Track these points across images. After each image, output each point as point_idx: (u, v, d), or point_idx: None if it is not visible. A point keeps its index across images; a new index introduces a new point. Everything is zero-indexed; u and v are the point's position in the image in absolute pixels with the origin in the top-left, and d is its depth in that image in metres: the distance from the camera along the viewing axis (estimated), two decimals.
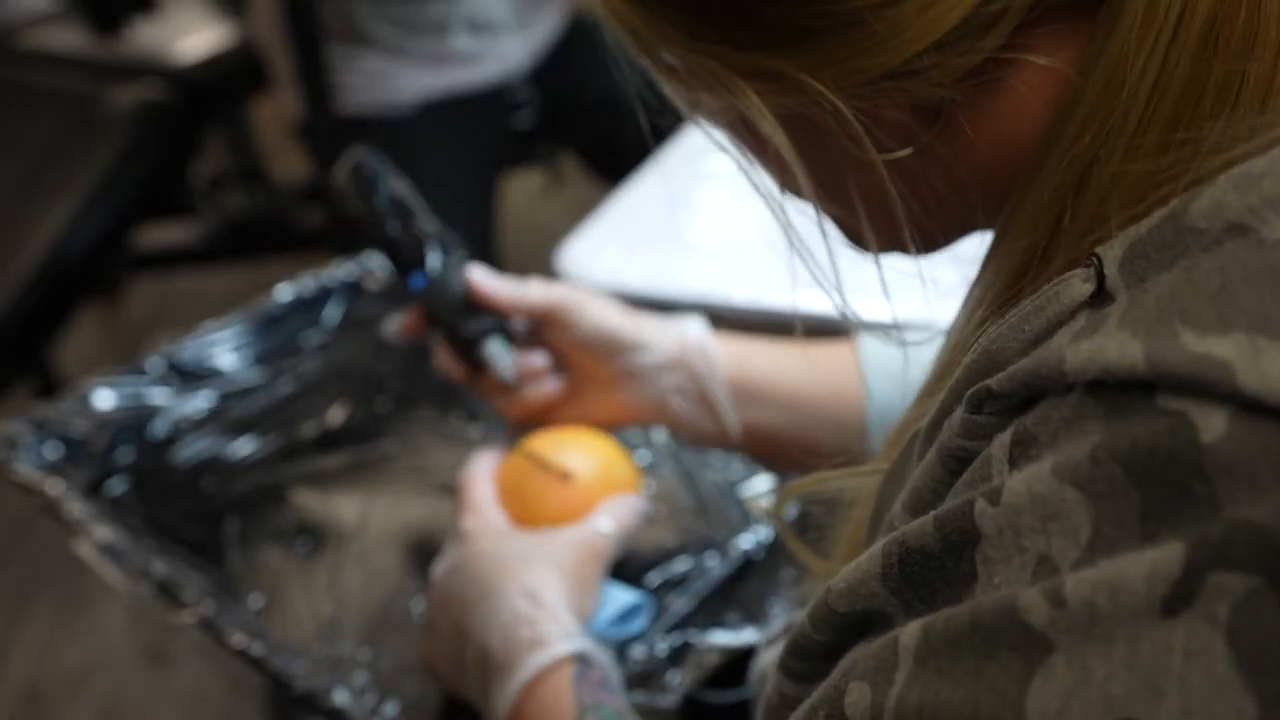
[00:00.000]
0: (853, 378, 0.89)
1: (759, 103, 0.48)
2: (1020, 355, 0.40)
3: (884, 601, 0.42)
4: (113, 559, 0.92)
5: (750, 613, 0.90)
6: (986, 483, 0.39)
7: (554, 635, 0.74)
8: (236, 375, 1.21)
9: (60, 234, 1.94)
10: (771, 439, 0.91)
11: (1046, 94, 0.46)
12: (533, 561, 0.79)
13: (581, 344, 0.91)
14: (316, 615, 0.93)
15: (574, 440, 0.91)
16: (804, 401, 0.90)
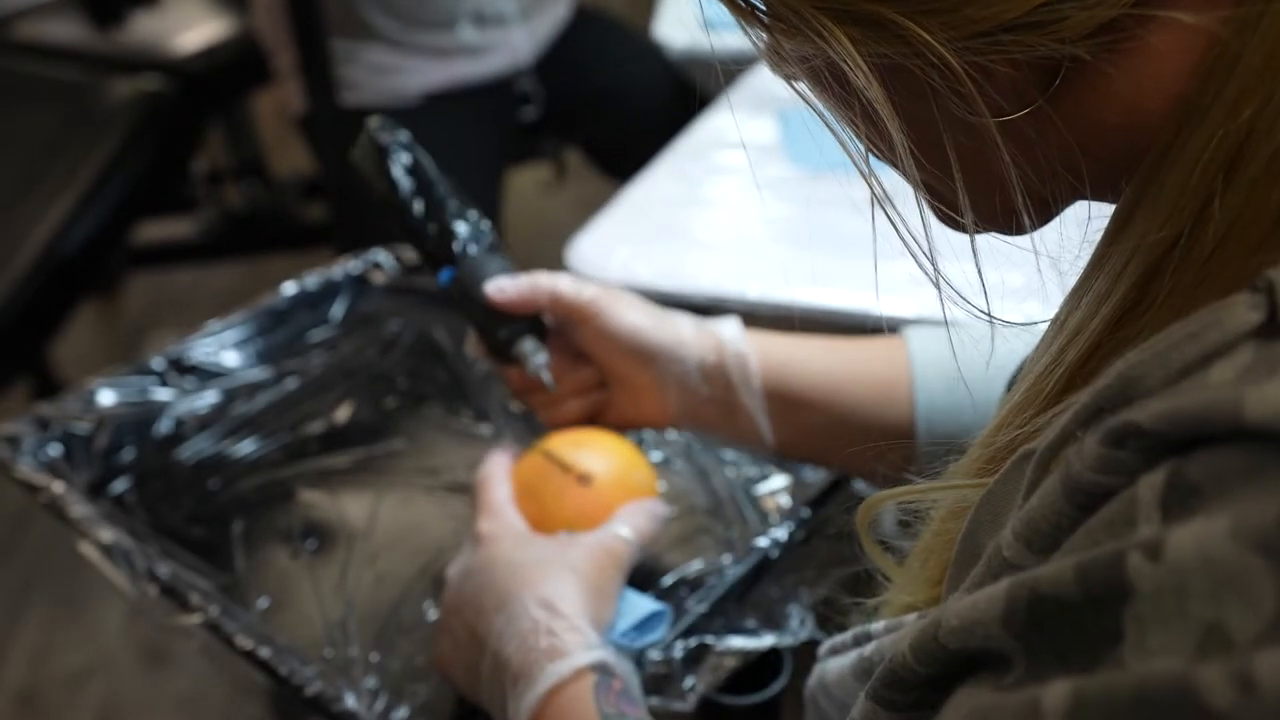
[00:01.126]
0: (898, 375, 0.85)
1: (854, 51, 0.44)
2: (1166, 385, 0.36)
3: (1003, 644, 0.38)
4: (116, 560, 0.90)
5: (768, 615, 0.88)
6: (1132, 528, 0.35)
7: (573, 645, 0.72)
8: (241, 373, 1.19)
9: (58, 229, 1.92)
10: (812, 442, 0.89)
11: (1190, 57, 0.40)
12: (551, 568, 0.77)
13: (614, 347, 0.88)
14: (324, 617, 0.91)
15: (592, 441, 0.89)
16: (846, 403, 0.86)
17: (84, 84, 2.19)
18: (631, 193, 1.53)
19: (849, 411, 0.86)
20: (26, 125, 2.11)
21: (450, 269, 0.90)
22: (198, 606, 0.86)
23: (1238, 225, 0.39)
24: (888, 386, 0.85)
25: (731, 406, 0.87)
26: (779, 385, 0.87)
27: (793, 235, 1.41)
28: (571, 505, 0.85)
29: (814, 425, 0.87)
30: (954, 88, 0.43)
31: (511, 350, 0.89)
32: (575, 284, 0.88)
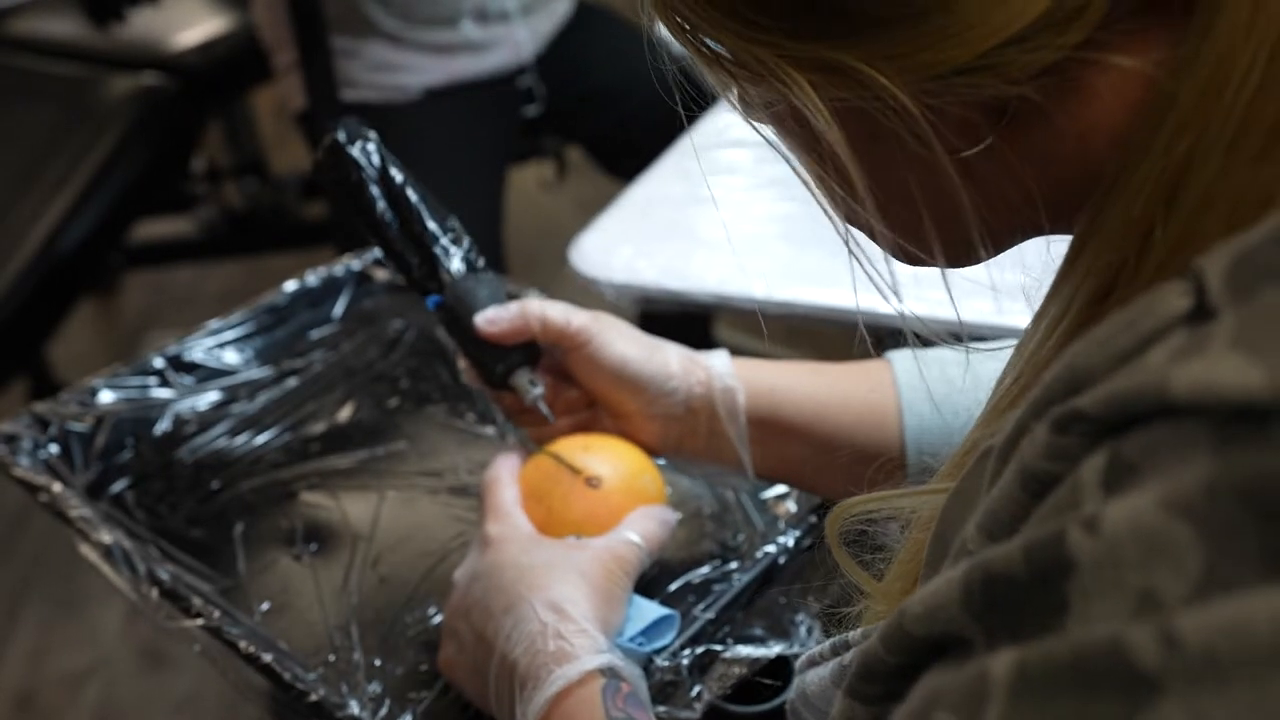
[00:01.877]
0: (884, 398, 0.85)
1: (814, 96, 0.46)
2: (1108, 373, 0.38)
3: (963, 627, 0.39)
4: (116, 562, 0.89)
5: (776, 622, 0.87)
6: (1076, 509, 0.37)
7: (582, 648, 0.71)
8: (242, 372, 1.18)
9: (56, 227, 1.91)
10: (798, 469, 0.88)
11: (1129, 96, 0.43)
12: (559, 572, 0.76)
13: (601, 376, 0.87)
14: (326, 621, 0.90)
15: (600, 445, 0.88)
16: (832, 429, 0.85)
17: (82, 80, 2.18)
18: (635, 192, 1.51)
19: (835, 437, 0.85)
20: (23, 122, 2.10)
21: (436, 296, 0.89)
22: (199, 610, 0.84)
23: (1177, 250, 0.41)
24: (875, 410, 0.85)
25: (716, 437, 0.87)
26: (765, 413, 0.86)
27: (798, 234, 1.40)
28: (579, 509, 0.84)
29: (800, 453, 0.87)
30: (911, 129, 0.45)
31: (507, 382, 0.88)
32: (565, 311, 0.87)
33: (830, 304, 1.26)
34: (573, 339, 0.86)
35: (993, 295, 1.22)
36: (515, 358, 0.87)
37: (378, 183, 0.87)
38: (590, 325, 0.86)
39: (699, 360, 0.88)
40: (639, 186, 1.53)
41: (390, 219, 0.87)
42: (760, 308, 1.28)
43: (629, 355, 0.86)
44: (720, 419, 0.86)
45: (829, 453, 0.85)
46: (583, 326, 0.86)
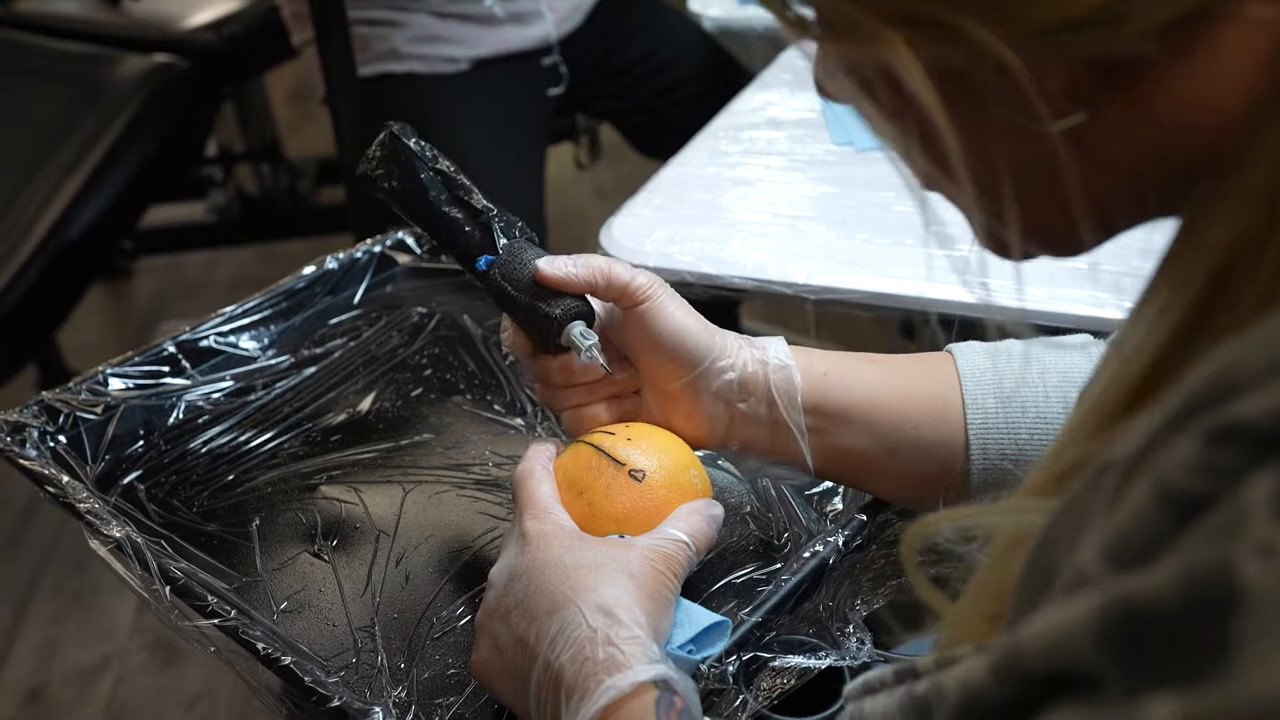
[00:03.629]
0: (948, 392, 0.81)
1: (909, 55, 0.42)
2: (1270, 378, 0.33)
3: (1094, 664, 0.34)
4: (127, 557, 0.84)
5: (824, 628, 0.81)
6: (1243, 534, 0.31)
7: (634, 656, 0.66)
8: (257, 360, 1.14)
9: (66, 211, 1.88)
10: (856, 462, 0.83)
11: (1259, 53, 0.39)
12: (607, 573, 0.71)
13: (657, 344, 0.82)
14: (348, 621, 0.85)
15: (642, 435, 0.83)
16: (892, 420, 0.81)
17: (92, 60, 2.14)
18: (666, 173, 1.47)
19: (896, 428, 0.81)
20: (33, 103, 2.06)
21: (488, 256, 0.84)
22: (214, 609, 0.79)
23: None
24: (938, 403, 0.81)
25: (771, 424, 0.83)
26: (824, 400, 0.82)
27: (836, 216, 1.35)
28: (623, 503, 0.79)
29: (859, 444, 0.82)
30: (1013, 92, 0.41)
31: (559, 336, 0.82)
32: (628, 267, 0.82)
33: (873, 289, 1.21)
34: (634, 296, 0.81)
35: (1048, 281, 1.18)
36: (570, 310, 0.82)
37: (430, 168, 0.86)
38: (654, 285, 0.82)
39: (754, 341, 0.84)
40: (671, 168, 1.48)
41: (445, 198, 0.86)
42: (800, 293, 1.23)
43: (687, 323, 0.82)
44: (776, 404, 0.82)
45: (889, 446, 0.81)
46: (646, 284, 0.82)
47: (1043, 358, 0.81)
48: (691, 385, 0.82)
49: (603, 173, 2.51)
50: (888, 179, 1.43)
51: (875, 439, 0.81)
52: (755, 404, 0.82)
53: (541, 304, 0.81)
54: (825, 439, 0.82)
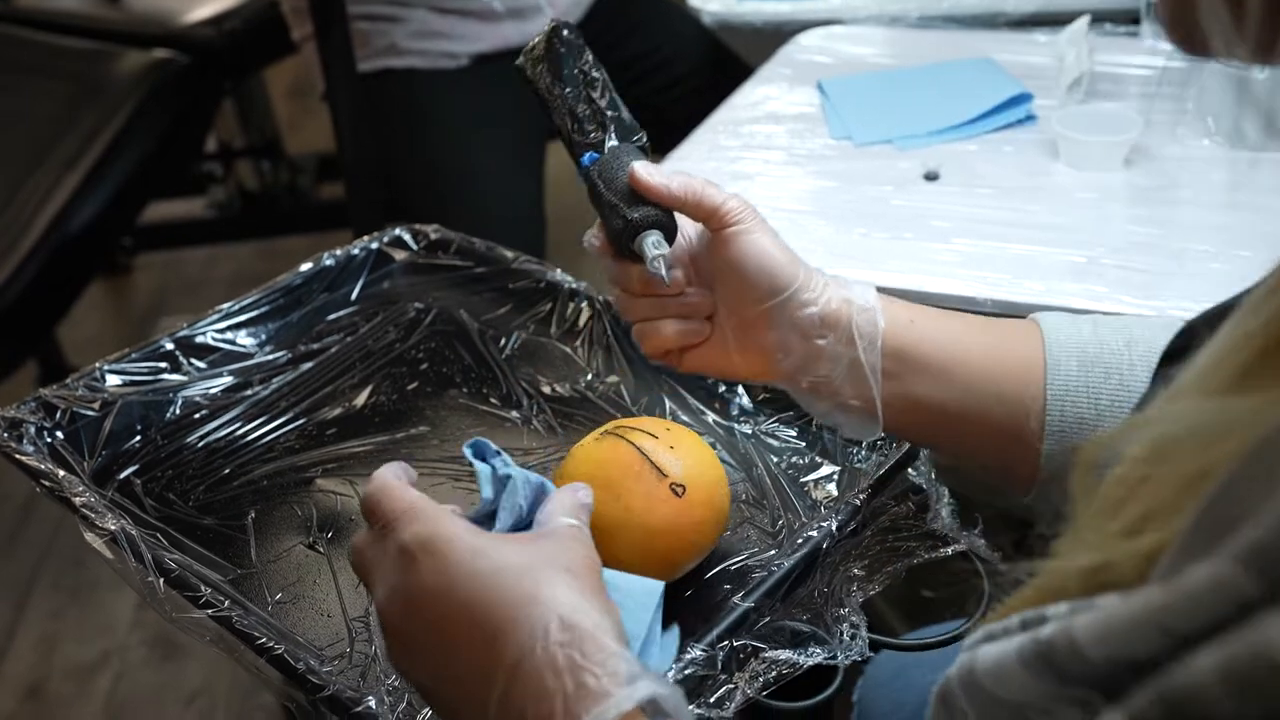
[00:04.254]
0: (1030, 351, 0.79)
1: None
2: None
3: None
4: (123, 550, 0.84)
5: (817, 614, 0.82)
6: None
7: (612, 678, 0.55)
8: (255, 356, 1.14)
9: (66, 207, 1.88)
10: (933, 413, 0.81)
11: None
12: (544, 573, 0.60)
13: (742, 268, 0.80)
14: (343, 612, 0.85)
15: (683, 443, 0.82)
16: (973, 374, 0.79)
17: (91, 56, 2.14)
18: (665, 167, 1.46)
19: (974, 384, 0.79)
20: (32, 99, 2.06)
21: (594, 154, 0.84)
22: (209, 600, 0.80)
23: None
24: (1019, 361, 0.79)
25: (848, 365, 0.80)
26: (905, 346, 0.80)
27: (835, 211, 1.36)
28: (661, 516, 0.78)
29: (935, 395, 0.80)
30: None
31: (632, 242, 0.81)
32: (722, 191, 0.81)
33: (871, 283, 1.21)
34: (723, 218, 0.80)
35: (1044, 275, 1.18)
36: (648, 218, 0.81)
37: (576, 67, 0.86)
38: (745, 210, 0.81)
39: (841, 280, 0.83)
40: (669, 162, 1.49)
41: (580, 95, 0.86)
42: None
43: (774, 250, 0.80)
44: (855, 344, 0.80)
45: (965, 400, 0.79)
46: (738, 208, 0.80)
47: (1130, 327, 0.79)
48: (770, 313, 0.81)
49: None
50: (886, 173, 1.44)
51: (953, 391, 0.80)
52: (834, 342, 0.80)
53: (625, 207, 0.81)
54: (901, 387, 0.81)
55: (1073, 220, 1.29)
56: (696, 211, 0.81)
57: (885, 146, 1.49)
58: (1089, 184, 1.36)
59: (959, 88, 1.58)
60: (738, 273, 0.81)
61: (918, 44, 1.77)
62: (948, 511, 0.88)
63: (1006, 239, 1.26)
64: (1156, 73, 1.60)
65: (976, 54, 1.69)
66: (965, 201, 1.35)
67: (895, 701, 1.07)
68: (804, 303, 0.80)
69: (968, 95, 1.54)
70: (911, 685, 1.06)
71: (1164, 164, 1.38)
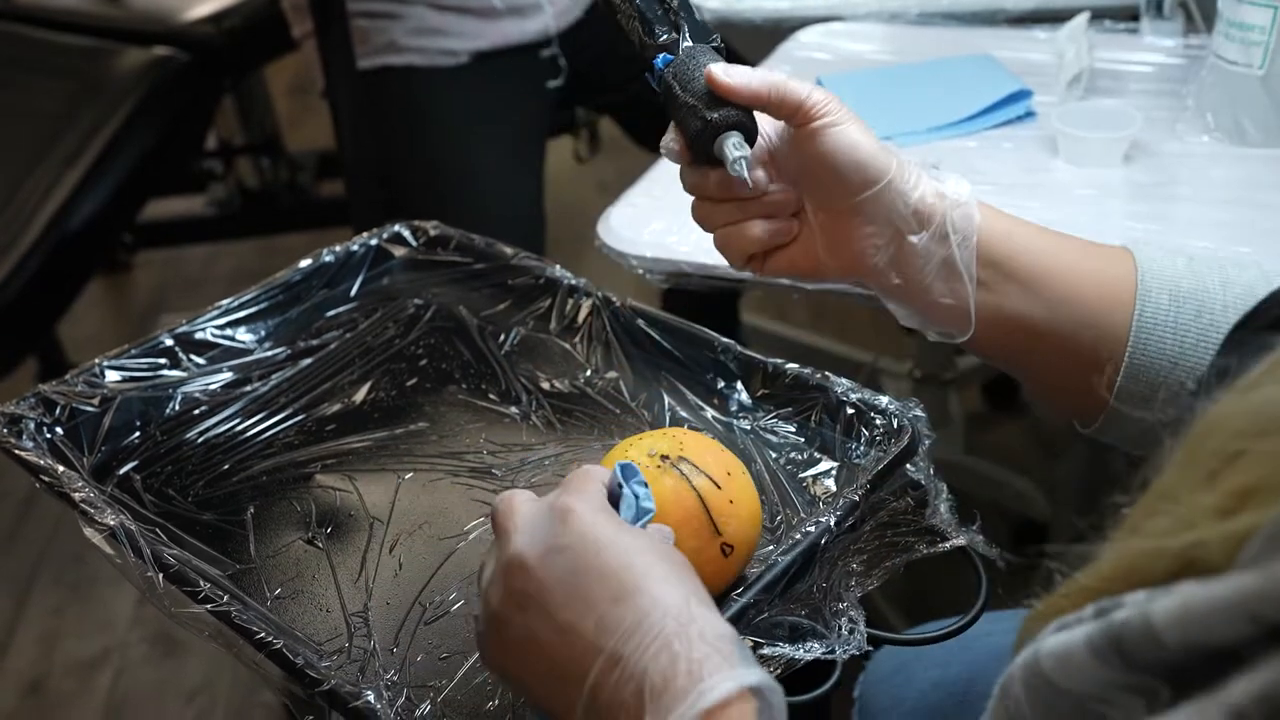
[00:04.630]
0: (1123, 276, 0.78)
1: None
2: None
3: None
4: (122, 546, 0.84)
5: (816, 610, 0.82)
6: None
7: (732, 657, 0.59)
8: (254, 353, 1.14)
9: (66, 204, 1.88)
10: (1018, 327, 0.80)
11: None
12: (673, 565, 0.64)
13: (828, 162, 0.78)
14: (341, 607, 0.86)
15: (737, 493, 0.79)
16: (1065, 292, 0.78)
17: (92, 53, 2.14)
18: (664, 164, 1.47)
19: (1062, 302, 0.78)
20: (33, 96, 2.06)
21: (668, 55, 0.82)
22: (208, 595, 0.80)
23: None
24: (1111, 285, 0.77)
25: (941, 264, 0.79)
26: (1001, 255, 0.79)
27: None
28: (709, 573, 0.75)
29: (1025, 309, 0.79)
30: None
31: (711, 143, 0.79)
32: (805, 85, 0.79)
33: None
34: (808, 113, 0.78)
35: None
36: (728, 118, 0.78)
37: None
38: (831, 102, 0.79)
39: (937, 174, 0.81)
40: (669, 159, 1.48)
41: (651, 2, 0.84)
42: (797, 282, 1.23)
43: (865, 141, 0.79)
44: (949, 241, 0.78)
45: (1055, 317, 0.78)
46: (823, 100, 0.78)
47: (1225, 267, 0.78)
48: (862, 206, 0.79)
49: (603, 166, 2.51)
50: None
51: (1043, 306, 0.78)
52: (928, 239, 0.79)
53: (703, 108, 0.79)
54: (992, 296, 0.79)
55: (1072, 216, 1.29)
56: (781, 108, 0.79)
57: (884, 143, 1.49)
58: (1088, 180, 1.36)
59: (958, 84, 1.58)
60: (828, 167, 0.78)
61: (917, 40, 1.77)
62: (946, 507, 0.88)
63: None
64: (1156, 69, 1.60)
65: (976, 51, 1.69)
66: None
67: (895, 697, 1.07)
68: (898, 194, 0.78)
69: (967, 92, 1.54)
70: (912, 681, 1.06)
71: (1163, 160, 1.38)
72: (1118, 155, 1.37)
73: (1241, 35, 1.34)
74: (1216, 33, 1.39)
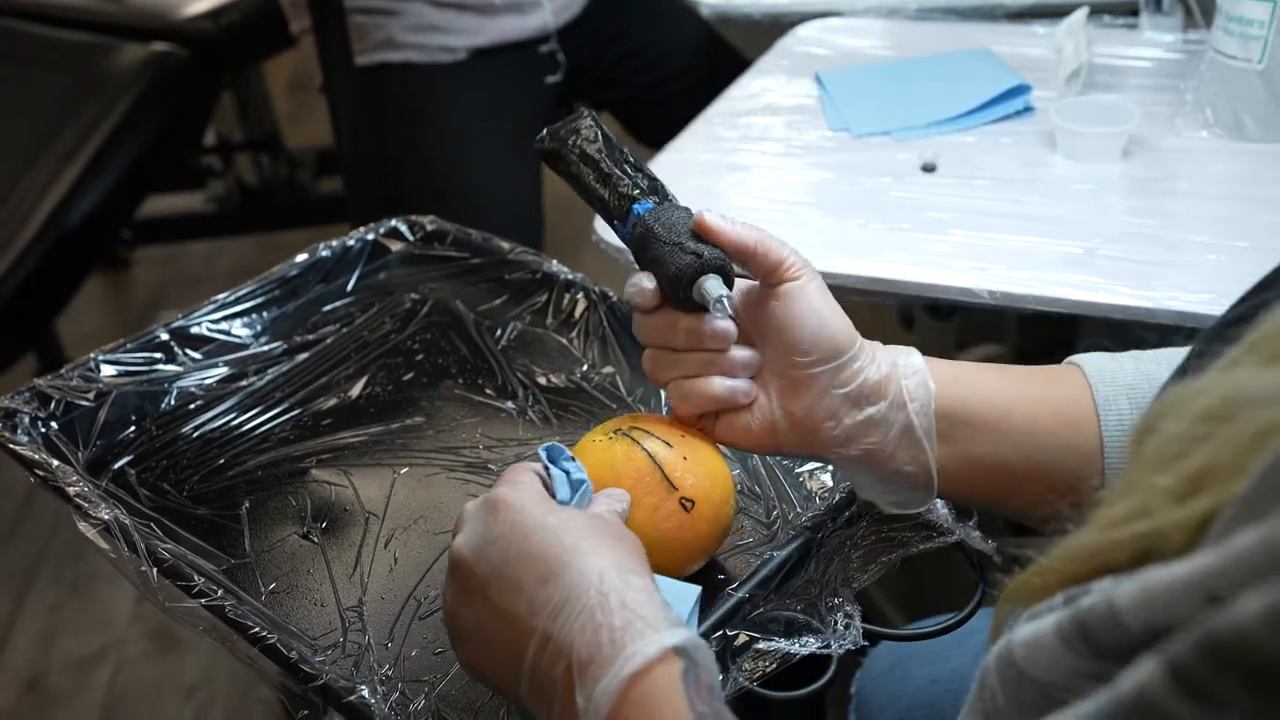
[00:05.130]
0: (1079, 395, 0.77)
1: None
2: None
3: None
4: (115, 539, 0.84)
5: (811, 605, 0.81)
6: None
7: (655, 620, 0.61)
8: (250, 346, 1.14)
9: (65, 200, 1.87)
10: (989, 471, 0.79)
11: None
12: (600, 538, 0.66)
13: (797, 329, 0.77)
14: (336, 602, 0.85)
15: (697, 454, 0.80)
16: (1025, 425, 0.77)
17: (90, 49, 2.13)
18: (663, 159, 1.47)
19: (1029, 434, 0.77)
20: (31, 92, 2.06)
21: (647, 204, 0.82)
22: (202, 590, 0.80)
23: None
24: (1070, 407, 0.77)
25: (901, 430, 0.78)
26: (957, 405, 0.78)
27: (831, 202, 1.35)
28: (671, 528, 0.77)
29: (992, 452, 0.78)
30: None
31: (696, 278, 0.77)
32: (785, 244, 0.79)
33: (868, 274, 1.21)
34: (784, 272, 0.77)
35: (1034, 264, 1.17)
36: (715, 258, 0.77)
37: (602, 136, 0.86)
38: (807, 267, 0.78)
39: (884, 346, 0.80)
40: (667, 154, 1.48)
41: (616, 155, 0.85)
42: None
43: (831, 314, 0.78)
44: (907, 408, 0.77)
45: (1022, 453, 0.77)
46: (800, 264, 0.78)
47: (1171, 360, 0.77)
48: (821, 378, 0.78)
49: None
50: (883, 165, 1.44)
51: (1009, 445, 0.77)
52: (886, 408, 0.77)
53: (693, 245, 0.78)
54: (956, 448, 0.78)
55: (1070, 211, 1.29)
56: (763, 261, 0.78)
57: (883, 138, 1.49)
58: (1086, 175, 1.36)
59: (957, 79, 1.58)
60: (793, 331, 0.77)
61: (916, 36, 1.77)
62: (942, 503, 0.88)
63: (1003, 230, 1.26)
64: (1155, 64, 1.60)
65: (975, 46, 1.69)
66: (962, 193, 1.34)
67: (892, 693, 1.07)
68: (857, 370, 0.77)
69: (966, 87, 1.54)
70: (909, 676, 1.06)
71: (1162, 155, 1.38)
72: (1116, 150, 1.37)
73: (1240, 30, 1.34)
74: (1215, 27, 1.38)
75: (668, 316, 0.80)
